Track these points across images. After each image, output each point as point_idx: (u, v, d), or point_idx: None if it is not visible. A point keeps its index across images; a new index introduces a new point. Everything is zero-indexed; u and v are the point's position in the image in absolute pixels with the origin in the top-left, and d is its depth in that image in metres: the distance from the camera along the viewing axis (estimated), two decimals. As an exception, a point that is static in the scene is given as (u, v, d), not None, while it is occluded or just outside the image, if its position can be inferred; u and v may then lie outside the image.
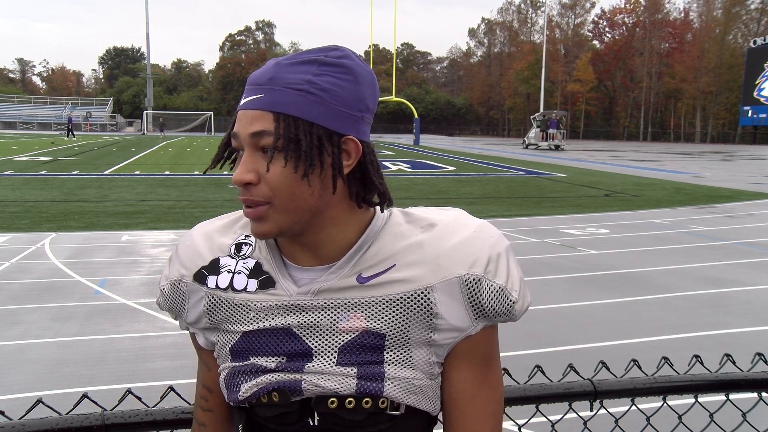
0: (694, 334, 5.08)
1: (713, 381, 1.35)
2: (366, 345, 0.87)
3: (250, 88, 0.85)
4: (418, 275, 0.86)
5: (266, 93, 0.83)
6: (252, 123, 0.82)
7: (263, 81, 0.84)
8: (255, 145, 0.83)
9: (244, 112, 0.84)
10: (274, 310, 0.89)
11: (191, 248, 0.96)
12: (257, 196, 0.84)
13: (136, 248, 8.28)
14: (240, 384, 0.91)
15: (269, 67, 0.85)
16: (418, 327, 0.87)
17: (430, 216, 0.92)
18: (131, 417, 1.11)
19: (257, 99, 0.83)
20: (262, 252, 0.93)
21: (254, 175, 0.83)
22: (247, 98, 0.84)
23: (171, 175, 18.55)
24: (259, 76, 0.85)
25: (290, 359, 0.89)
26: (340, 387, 0.87)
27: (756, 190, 16.28)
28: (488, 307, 0.87)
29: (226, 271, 0.92)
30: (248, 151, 0.83)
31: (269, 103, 0.82)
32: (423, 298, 0.86)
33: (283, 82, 0.83)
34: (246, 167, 0.83)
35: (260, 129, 0.82)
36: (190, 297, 0.94)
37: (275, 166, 0.82)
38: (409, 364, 0.89)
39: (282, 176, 0.82)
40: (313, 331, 0.89)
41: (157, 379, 4.12)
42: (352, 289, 0.88)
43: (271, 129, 0.82)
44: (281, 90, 0.82)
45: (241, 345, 0.91)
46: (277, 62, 0.85)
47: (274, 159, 0.82)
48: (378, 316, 0.87)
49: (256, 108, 0.83)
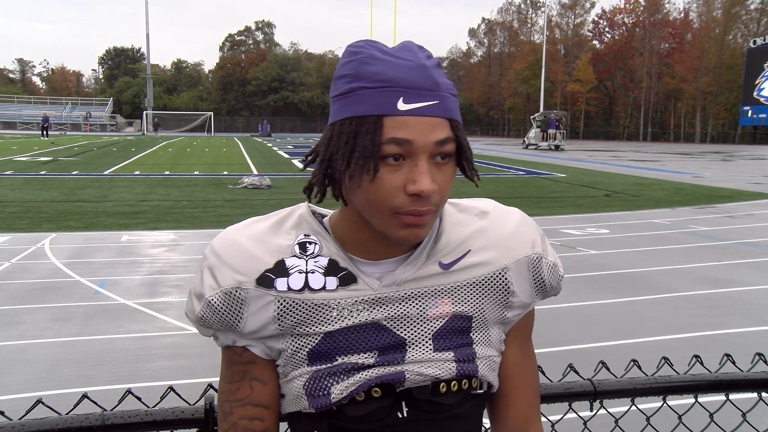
0: (694, 334, 5.08)
1: (713, 381, 1.35)
2: (456, 328, 0.91)
3: (415, 93, 0.81)
4: (493, 258, 0.92)
5: (440, 100, 0.82)
6: (434, 130, 0.81)
7: (430, 86, 0.81)
8: (435, 152, 0.81)
9: (420, 119, 0.80)
10: (359, 306, 0.88)
11: (243, 252, 0.89)
12: (433, 203, 0.82)
13: (136, 248, 8.28)
14: (329, 387, 0.88)
15: (427, 70, 0.82)
16: (496, 306, 0.93)
17: (476, 204, 0.97)
18: (131, 417, 1.11)
19: (434, 105, 0.81)
20: (332, 249, 0.90)
21: (436, 184, 0.82)
22: (419, 104, 0.80)
23: (171, 175, 18.55)
24: (420, 80, 0.81)
25: (384, 353, 0.88)
26: (441, 372, 0.89)
27: (756, 190, 16.28)
28: (547, 282, 0.95)
29: (297, 272, 0.88)
30: (425, 158, 0.81)
31: (445, 110, 0.82)
32: (501, 279, 0.92)
33: (445, 88, 0.83)
34: (430, 176, 0.81)
35: (444, 136, 0.81)
36: (250, 304, 0.88)
37: (448, 173, 0.84)
38: (489, 342, 0.94)
39: (450, 181, 0.85)
40: (403, 322, 0.89)
41: (157, 379, 4.12)
42: (437, 276, 0.90)
43: (451, 136, 0.82)
44: (448, 96, 0.83)
45: (325, 346, 0.88)
46: (428, 65, 0.83)
47: (448, 165, 0.84)
48: (464, 299, 0.91)
49: (435, 115, 0.81)
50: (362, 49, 0.84)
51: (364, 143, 0.80)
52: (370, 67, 0.82)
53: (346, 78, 0.84)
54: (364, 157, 0.80)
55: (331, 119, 0.86)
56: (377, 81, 0.81)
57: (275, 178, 17.53)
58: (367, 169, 0.80)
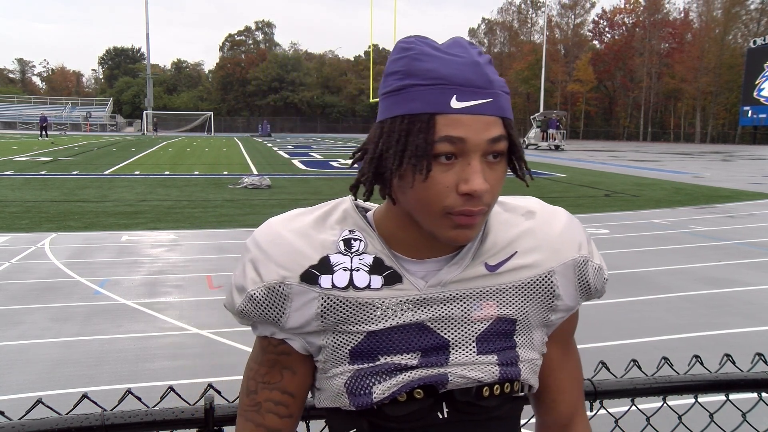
0: (694, 334, 5.08)
1: (713, 381, 1.35)
2: (500, 331, 0.90)
3: (469, 90, 0.79)
4: (540, 260, 0.91)
5: (493, 98, 0.80)
6: (488, 128, 0.79)
7: (483, 83, 0.80)
8: (488, 150, 0.80)
9: (473, 117, 0.79)
10: (404, 306, 0.87)
11: (287, 247, 0.88)
12: (485, 203, 0.81)
13: (136, 248, 8.28)
14: (371, 386, 0.87)
15: (480, 68, 0.81)
16: (540, 309, 0.92)
17: (522, 203, 0.96)
18: (131, 417, 1.11)
19: (488, 103, 0.80)
20: (377, 246, 0.89)
21: (488, 183, 0.81)
22: (473, 102, 0.79)
23: (171, 175, 18.55)
24: (474, 77, 0.80)
25: (427, 354, 0.88)
26: (484, 375, 0.89)
27: (756, 190, 16.27)
28: (592, 285, 0.94)
29: (341, 269, 0.87)
30: (478, 157, 0.80)
31: (499, 108, 0.81)
32: (547, 282, 0.91)
33: (498, 85, 0.81)
34: (482, 174, 0.79)
35: (498, 134, 0.80)
36: (294, 300, 0.87)
37: (500, 172, 0.83)
38: (532, 345, 0.94)
39: (502, 181, 0.83)
40: (447, 323, 0.88)
41: (157, 379, 4.12)
42: (483, 278, 0.89)
43: (504, 134, 0.81)
44: (501, 94, 0.81)
45: (367, 345, 0.88)
46: (481, 62, 0.81)
47: (500, 164, 0.83)
48: (509, 302, 0.90)
49: (489, 113, 0.80)
50: (413, 45, 0.82)
51: (416, 142, 0.79)
52: (422, 63, 0.80)
53: (398, 75, 0.82)
54: (416, 156, 0.79)
55: (381, 117, 0.84)
56: (430, 78, 0.79)
57: (275, 178, 17.53)
58: (419, 168, 0.79)
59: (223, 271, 7.08)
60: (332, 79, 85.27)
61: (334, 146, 38.04)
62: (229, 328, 5.09)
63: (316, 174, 20.04)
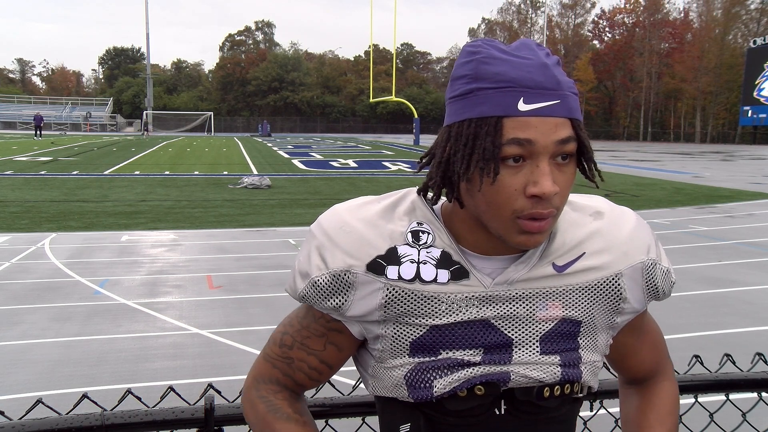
0: (694, 334, 5.08)
1: (713, 381, 1.35)
2: (564, 333, 0.90)
3: (537, 93, 0.79)
4: (608, 262, 0.90)
5: (561, 99, 0.80)
6: (556, 130, 0.79)
7: (552, 85, 0.79)
8: (556, 152, 0.80)
9: (542, 119, 0.78)
10: (470, 302, 0.87)
11: (354, 235, 0.87)
12: (554, 206, 0.80)
13: (136, 248, 8.29)
14: (432, 380, 0.87)
15: (548, 69, 0.80)
16: (606, 312, 0.92)
17: (590, 203, 0.95)
18: (131, 417, 1.11)
19: (556, 105, 0.79)
20: (444, 240, 0.88)
21: (557, 185, 0.80)
22: (541, 104, 0.78)
23: (171, 175, 18.55)
24: (543, 79, 0.79)
25: (489, 351, 0.87)
26: (545, 376, 0.88)
27: (756, 190, 16.28)
28: (660, 288, 0.94)
29: (408, 261, 0.86)
30: (546, 159, 0.79)
31: (567, 109, 0.80)
32: (614, 284, 0.90)
33: (567, 86, 0.81)
34: (551, 176, 0.79)
35: (567, 135, 0.80)
36: (358, 289, 0.86)
37: (569, 174, 0.82)
38: (595, 347, 0.93)
39: (571, 183, 0.82)
40: (512, 322, 0.88)
41: (157, 379, 4.12)
42: (550, 278, 0.88)
43: (573, 135, 0.80)
44: (569, 95, 0.81)
45: (429, 339, 0.87)
46: (549, 63, 0.80)
47: (569, 166, 0.82)
48: (574, 303, 0.89)
49: (557, 115, 0.79)
50: (481, 48, 0.82)
51: (484, 145, 0.78)
52: (490, 67, 0.80)
53: (466, 78, 0.82)
54: (484, 159, 0.78)
55: (448, 121, 0.84)
56: (499, 81, 0.79)
57: (275, 178, 17.53)
58: (487, 172, 0.78)
59: (223, 271, 7.08)
60: (332, 79, 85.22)
61: (334, 146, 38.03)
62: (229, 328, 5.10)
63: (316, 174, 20.04)
